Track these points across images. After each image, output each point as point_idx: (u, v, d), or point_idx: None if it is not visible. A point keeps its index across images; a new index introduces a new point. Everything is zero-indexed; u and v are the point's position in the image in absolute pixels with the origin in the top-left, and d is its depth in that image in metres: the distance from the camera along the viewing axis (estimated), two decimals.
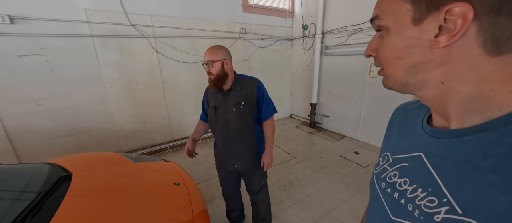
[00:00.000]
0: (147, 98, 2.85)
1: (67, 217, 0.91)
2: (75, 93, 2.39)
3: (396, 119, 0.48)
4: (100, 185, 1.21)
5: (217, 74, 1.14)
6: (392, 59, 0.32)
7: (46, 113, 2.28)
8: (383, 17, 0.31)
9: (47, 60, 2.18)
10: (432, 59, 0.29)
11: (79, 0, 2.21)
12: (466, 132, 0.30)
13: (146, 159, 1.70)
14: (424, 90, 0.32)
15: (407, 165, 0.37)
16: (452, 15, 0.26)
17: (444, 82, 0.30)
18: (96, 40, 2.38)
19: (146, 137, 2.97)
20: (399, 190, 0.37)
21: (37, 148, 2.29)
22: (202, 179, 2.30)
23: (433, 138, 0.34)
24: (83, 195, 1.10)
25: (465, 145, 0.29)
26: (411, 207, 0.33)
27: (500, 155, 0.26)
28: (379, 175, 0.43)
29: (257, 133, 1.29)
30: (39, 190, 1.06)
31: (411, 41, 0.29)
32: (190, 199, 1.24)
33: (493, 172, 0.26)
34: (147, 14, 2.61)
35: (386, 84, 0.36)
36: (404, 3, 0.29)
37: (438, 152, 0.33)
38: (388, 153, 0.44)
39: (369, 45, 0.36)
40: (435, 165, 0.32)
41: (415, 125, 0.40)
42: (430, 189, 0.32)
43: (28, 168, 1.29)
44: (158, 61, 2.82)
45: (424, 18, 0.28)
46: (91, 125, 2.56)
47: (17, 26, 1.99)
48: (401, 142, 0.41)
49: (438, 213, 0.30)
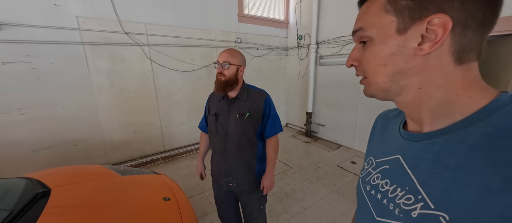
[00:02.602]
0: (139, 107, 2.76)
1: None
2: (62, 102, 2.28)
3: (378, 126, 0.52)
4: (82, 201, 1.11)
5: (229, 78, 1.06)
6: (377, 66, 0.34)
7: (29, 122, 2.15)
8: (367, 28, 0.34)
9: (34, 68, 2.09)
10: (414, 66, 0.31)
11: (71, 7, 2.17)
12: (435, 134, 0.33)
13: (134, 171, 1.60)
14: (403, 95, 0.35)
15: (388, 167, 0.40)
16: (433, 25, 0.29)
17: (421, 88, 0.33)
18: (87, 47, 2.31)
19: (137, 148, 2.84)
20: (382, 191, 0.39)
21: (17, 160, 2.13)
22: (195, 192, 2.18)
23: (408, 141, 0.38)
24: (62, 213, 1.00)
25: (434, 146, 0.33)
26: (392, 206, 0.36)
27: (462, 153, 0.29)
28: (364, 179, 0.46)
29: (258, 152, 1.17)
30: (11, 208, 0.96)
31: (396, 49, 0.32)
32: (181, 216, 1.15)
33: (458, 168, 0.29)
34: (142, 22, 2.59)
35: (368, 92, 0.38)
36: (387, 15, 0.32)
37: (413, 154, 0.36)
38: (372, 157, 0.47)
39: (350, 56, 0.38)
40: (411, 166, 0.35)
41: (393, 130, 0.44)
42: (407, 188, 0.35)
43: (1, 184, 1.17)
44: (151, 70, 2.76)
45: (408, 28, 0.31)
46: (78, 135, 2.43)
47: (3, 32, 1.91)
48: (383, 146, 0.45)
49: (415, 210, 0.32)
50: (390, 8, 0.31)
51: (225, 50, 1.08)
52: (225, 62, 1.05)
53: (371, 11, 0.33)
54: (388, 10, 0.31)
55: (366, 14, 0.34)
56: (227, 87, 1.08)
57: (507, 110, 0.28)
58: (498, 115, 0.28)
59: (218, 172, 1.21)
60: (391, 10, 0.31)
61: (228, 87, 1.09)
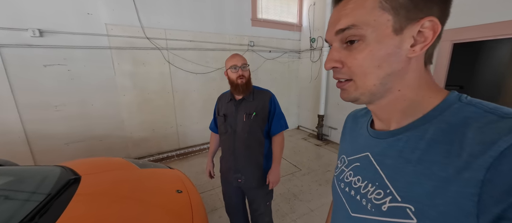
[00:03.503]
0: (157, 107, 2.96)
1: (71, 219, 0.94)
2: (91, 101, 2.54)
3: (348, 125, 0.53)
4: (106, 188, 1.25)
5: (248, 79, 1.14)
6: (370, 68, 0.32)
7: (63, 119, 2.42)
8: (362, 26, 0.31)
9: (69, 70, 2.36)
10: (403, 68, 0.31)
11: (101, 15, 2.41)
12: (399, 131, 0.35)
13: (151, 165, 1.74)
14: (384, 98, 0.35)
15: (359, 164, 0.42)
16: (424, 27, 0.29)
17: (400, 90, 0.33)
18: (114, 51, 2.55)
19: (154, 145, 3.04)
20: (354, 187, 0.41)
21: (53, 151, 2.41)
22: (205, 188, 2.29)
23: (376, 139, 0.39)
24: (89, 199, 1.14)
25: (398, 143, 0.35)
26: (365, 201, 0.37)
27: (422, 148, 0.31)
28: (339, 177, 0.47)
29: (265, 149, 1.23)
30: (49, 191, 1.11)
31: (392, 50, 0.30)
32: (191, 207, 1.24)
33: (419, 163, 0.31)
34: (162, 28, 2.79)
35: (351, 96, 0.35)
36: (383, 13, 0.29)
37: (380, 151, 0.37)
38: (344, 155, 0.48)
39: (331, 57, 0.35)
40: (379, 162, 0.37)
41: (362, 129, 0.45)
42: (377, 183, 0.36)
43: (41, 170, 1.35)
44: (169, 72, 2.95)
45: (404, 28, 0.29)
46: (103, 132, 2.67)
47: (45, 39, 2.19)
48: (353, 145, 0.46)
49: (384, 203, 0.34)
50: (387, 5, 0.29)
51: (235, 54, 1.15)
52: (244, 64, 1.12)
53: (365, 7, 0.30)
54: (384, 8, 0.29)
55: (357, 10, 0.31)
56: (249, 87, 1.15)
57: (454, 108, 0.31)
58: (448, 113, 0.31)
59: (227, 169, 1.28)
60: (388, 8, 0.29)
61: (249, 87, 1.16)
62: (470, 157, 0.26)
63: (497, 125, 0.26)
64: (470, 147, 0.27)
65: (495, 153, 0.25)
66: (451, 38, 2.03)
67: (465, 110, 0.30)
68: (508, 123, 0.26)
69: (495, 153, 0.25)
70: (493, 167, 0.24)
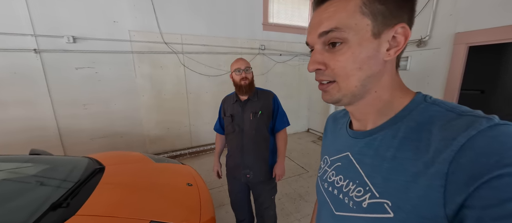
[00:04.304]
0: (172, 107, 3.15)
1: (97, 203, 1.08)
2: (115, 101, 2.78)
3: (329, 126, 0.55)
4: (126, 178, 1.40)
5: (251, 80, 1.25)
6: (353, 70, 0.33)
7: (90, 116, 2.68)
8: (344, 29, 0.32)
9: (96, 72, 2.61)
10: (380, 70, 0.34)
11: (126, 23, 2.65)
12: (374, 131, 0.37)
13: (166, 160, 1.88)
14: (363, 99, 0.36)
15: (340, 164, 0.43)
16: (398, 33, 0.32)
17: (377, 91, 0.36)
18: (135, 55, 2.78)
19: (169, 143, 3.23)
20: (337, 186, 0.42)
21: (80, 144, 2.67)
22: (214, 185, 2.40)
23: (354, 139, 0.41)
24: (112, 187, 1.28)
25: (375, 142, 0.37)
26: (347, 199, 0.39)
27: (395, 146, 0.33)
28: (322, 177, 0.48)
29: (271, 146, 1.33)
30: (78, 178, 1.28)
31: (372, 53, 0.32)
32: (200, 199, 1.35)
33: (393, 159, 0.33)
34: (178, 33, 2.98)
35: (334, 97, 0.36)
36: (364, 17, 0.31)
37: (359, 150, 0.40)
38: (327, 156, 0.49)
39: (314, 59, 0.36)
40: (358, 161, 0.39)
41: (342, 129, 0.47)
42: (357, 181, 0.38)
43: (71, 160, 1.54)
44: (184, 74, 3.13)
45: (381, 33, 0.32)
46: (124, 129, 2.90)
47: (77, 44, 2.46)
48: (334, 145, 0.48)
49: (364, 200, 0.35)
50: (366, 10, 0.31)
51: (239, 59, 1.26)
52: (248, 67, 1.23)
53: (347, 11, 0.31)
54: (364, 13, 0.31)
55: (339, 13, 0.32)
56: (252, 87, 1.26)
57: (421, 107, 0.34)
58: (416, 112, 0.34)
59: (235, 166, 1.37)
60: (367, 13, 0.31)
61: (252, 87, 1.26)
62: (436, 152, 0.29)
63: (456, 122, 0.29)
64: (435, 143, 0.29)
65: (456, 147, 0.27)
66: (466, 40, 1.97)
67: (430, 109, 0.33)
68: (465, 120, 0.28)
69: (456, 147, 0.27)
70: (455, 160, 0.27)
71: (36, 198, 1.06)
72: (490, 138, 0.26)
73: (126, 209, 1.08)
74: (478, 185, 0.25)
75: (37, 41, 2.28)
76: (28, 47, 2.25)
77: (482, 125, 0.27)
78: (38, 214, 0.94)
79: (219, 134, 1.53)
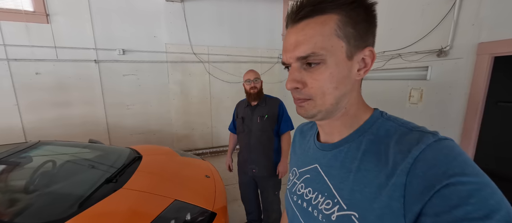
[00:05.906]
0: (197, 110, 3.53)
1: (136, 181, 1.39)
2: (151, 102, 3.26)
3: (297, 139, 0.55)
4: (157, 165, 1.72)
5: (260, 89, 1.48)
6: (329, 88, 0.34)
7: (131, 115, 3.18)
8: (322, 51, 0.32)
9: (138, 78, 3.12)
10: (351, 88, 0.36)
11: (163, 36, 3.13)
12: (340, 143, 0.39)
13: (189, 155, 2.19)
14: (334, 115, 0.37)
15: (309, 176, 0.43)
16: (366, 55, 0.35)
17: (346, 108, 0.37)
18: (169, 65, 3.24)
19: (193, 142, 3.61)
20: (306, 199, 0.42)
21: (123, 138, 3.19)
22: (229, 182, 2.63)
23: (322, 151, 0.42)
24: (147, 171, 1.60)
25: (340, 154, 0.38)
26: (316, 212, 0.38)
27: (359, 158, 0.35)
28: (291, 189, 0.48)
29: (275, 145, 1.51)
30: (123, 163, 1.62)
31: (346, 73, 0.34)
32: (215, 189, 1.58)
33: (357, 171, 0.34)
34: (205, 45, 3.38)
35: (310, 113, 0.37)
36: (339, 40, 0.33)
37: (326, 162, 0.40)
38: (295, 168, 0.49)
39: (292, 77, 0.36)
40: (326, 173, 0.39)
41: (309, 141, 0.48)
42: (326, 194, 0.38)
43: (117, 149, 1.92)
44: (209, 81, 3.50)
45: (354, 54, 0.34)
46: (157, 127, 3.36)
47: (125, 56, 3.00)
48: (303, 157, 0.48)
49: (333, 213, 0.35)
50: (341, 33, 0.32)
51: (250, 70, 1.49)
52: (256, 78, 1.46)
53: (323, 35, 0.32)
54: (339, 36, 0.32)
55: (315, 36, 0.32)
56: (260, 95, 1.48)
57: (379, 122, 0.36)
58: (375, 126, 0.36)
59: (243, 161, 1.59)
60: (341, 36, 0.32)
61: (261, 95, 1.48)
62: (394, 164, 0.30)
63: (408, 136, 0.31)
64: (393, 156, 0.31)
65: (411, 160, 0.29)
66: (490, 51, 1.89)
67: (386, 125, 0.35)
68: (416, 134, 0.31)
69: (411, 160, 0.29)
70: (411, 171, 0.28)
71: (96, 174, 1.41)
72: (436, 150, 0.28)
73: (157, 188, 1.36)
74: (432, 195, 0.26)
75: (97, 54, 2.86)
76: (91, 58, 2.84)
77: (429, 140, 0.29)
78: (97, 185, 1.27)
79: (232, 133, 1.76)
